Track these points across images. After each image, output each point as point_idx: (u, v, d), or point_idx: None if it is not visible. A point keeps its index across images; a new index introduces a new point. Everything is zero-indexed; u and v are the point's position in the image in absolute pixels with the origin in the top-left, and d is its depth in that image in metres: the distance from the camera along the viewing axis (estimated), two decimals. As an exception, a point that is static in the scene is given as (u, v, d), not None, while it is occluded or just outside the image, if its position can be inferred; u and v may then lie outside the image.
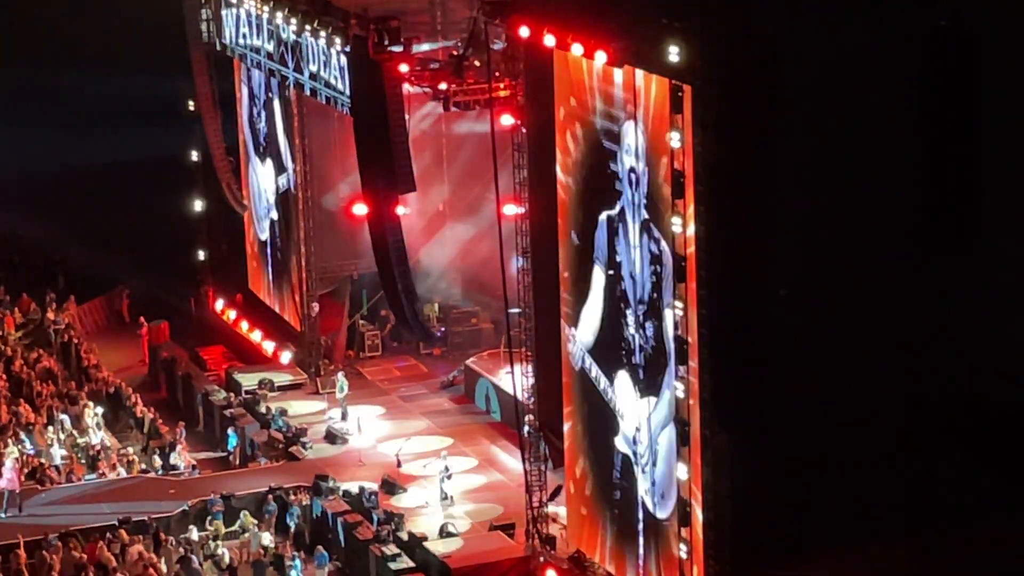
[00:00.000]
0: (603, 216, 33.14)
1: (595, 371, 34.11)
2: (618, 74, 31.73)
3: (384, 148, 39.20)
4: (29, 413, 44.06)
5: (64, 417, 44.04)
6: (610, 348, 33.49)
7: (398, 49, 38.38)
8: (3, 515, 38.81)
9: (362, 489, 39.17)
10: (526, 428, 36.84)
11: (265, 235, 51.53)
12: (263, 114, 50.23)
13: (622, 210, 32.43)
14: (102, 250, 56.91)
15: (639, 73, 31.02)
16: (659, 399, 31.71)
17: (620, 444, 33.37)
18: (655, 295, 31.45)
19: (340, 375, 45.73)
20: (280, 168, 49.36)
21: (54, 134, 65.22)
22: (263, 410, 44.81)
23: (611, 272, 33.12)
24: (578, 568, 35.29)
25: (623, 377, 33.03)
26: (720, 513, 29.97)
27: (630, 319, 32.56)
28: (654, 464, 32.03)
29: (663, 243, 30.81)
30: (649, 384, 32.05)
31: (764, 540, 29.76)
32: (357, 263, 48.50)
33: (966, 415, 29.34)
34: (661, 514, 31.94)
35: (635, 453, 32.82)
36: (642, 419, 32.35)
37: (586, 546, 35.14)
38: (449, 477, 39.52)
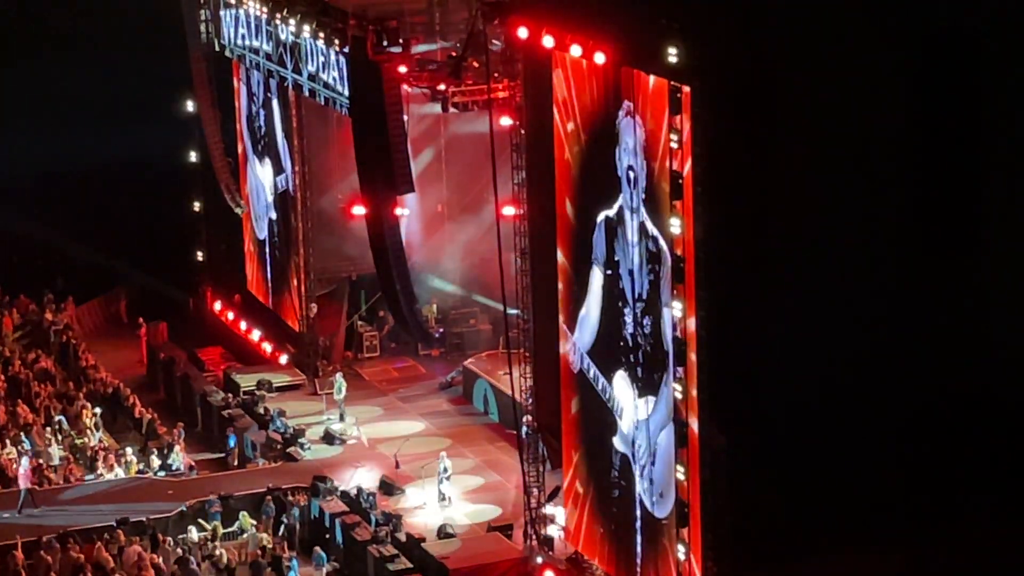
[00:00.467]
0: (601, 216, 33.13)
1: (593, 371, 34.10)
2: (615, 75, 31.70)
3: (383, 149, 39.22)
4: (27, 413, 44.05)
5: (61, 418, 44.04)
6: (608, 348, 33.48)
7: (397, 50, 38.43)
8: (18, 513, 38.90)
9: (360, 490, 39.15)
10: (524, 429, 36.82)
11: (263, 234, 51.51)
12: (262, 113, 50.20)
13: (620, 209, 32.42)
14: (101, 251, 56.88)
15: (636, 74, 30.99)
16: (657, 398, 31.69)
17: (618, 444, 33.36)
18: (653, 293, 31.44)
19: (338, 376, 45.70)
20: (278, 168, 49.33)
21: (52, 134, 65.11)
22: (261, 411, 44.79)
23: (609, 272, 33.12)
24: (576, 569, 35.28)
25: (621, 377, 33.02)
26: (718, 514, 29.95)
27: (628, 318, 32.56)
28: (652, 463, 32.01)
29: (661, 241, 30.81)
30: (647, 383, 32.04)
31: (762, 541, 29.75)
32: (355, 264, 48.45)
33: (966, 415, 29.35)
34: (659, 513, 31.92)
35: (633, 452, 32.80)
36: (640, 418, 32.34)
37: (584, 547, 35.12)
38: (448, 478, 39.50)
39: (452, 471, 39.79)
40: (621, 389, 33.06)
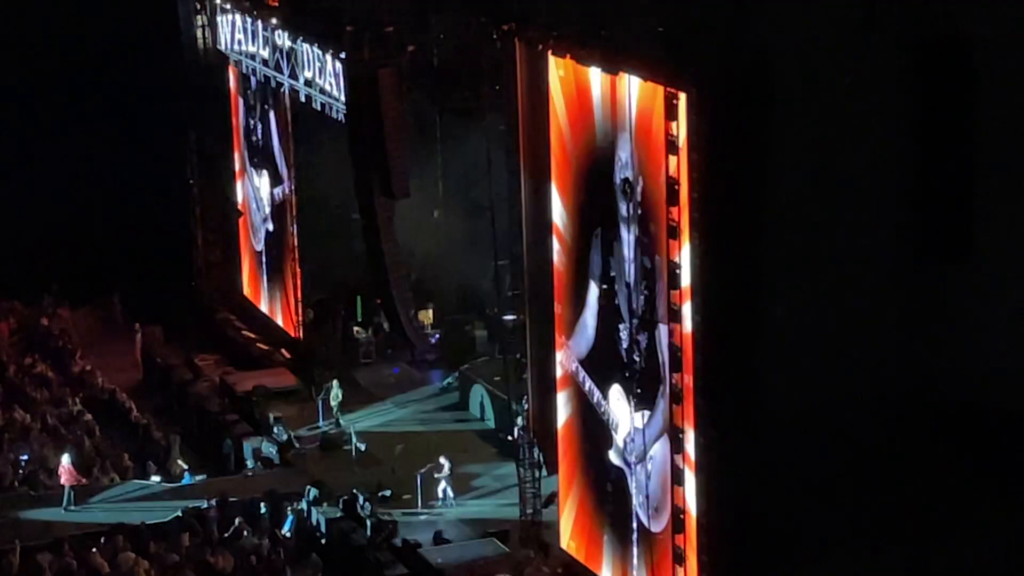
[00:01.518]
0: (597, 231, 33.16)
1: (588, 384, 34.11)
2: (610, 83, 31.68)
3: (379, 154, 39.25)
4: (23, 418, 44.01)
5: (56, 423, 44.01)
6: (604, 362, 33.50)
7: (393, 55, 38.42)
8: (73, 508, 39.32)
9: (356, 496, 39.14)
10: (520, 435, 36.81)
11: (261, 246, 51.41)
12: (259, 126, 50.12)
13: (616, 224, 32.43)
14: (97, 255, 56.83)
15: (631, 82, 30.97)
16: (652, 413, 31.70)
17: (613, 457, 33.37)
18: (648, 309, 31.45)
19: (334, 382, 45.69)
20: (276, 180, 49.27)
21: (50, 139, 65.10)
22: (257, 416, 44.76)
23: (605, 287, 33.13)
24: (571, 575, 35.26)
25: (616, 391, 33.03)
26: (714, 521, 29.94)
27: (623, 333, 32.59)
28: (648, 478, 32.01)
29: (657, 257, 30.80)
30: (643, 398, 32.04)
31: (759, 548, 29.73)
32: (351, 269, 48.43)
33: (961, 421, 29.34)
34: (655, 527, 31.88)
35: (628, 466, 32.81)
36: (635, 433, 32.34)
37: (580, 553, 35.10)
38: (447, 480, 39.60)
39: (451, 476, 39.88)
40: (616, 403, 33.07)
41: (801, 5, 28.42)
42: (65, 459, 40.36)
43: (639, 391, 32.13)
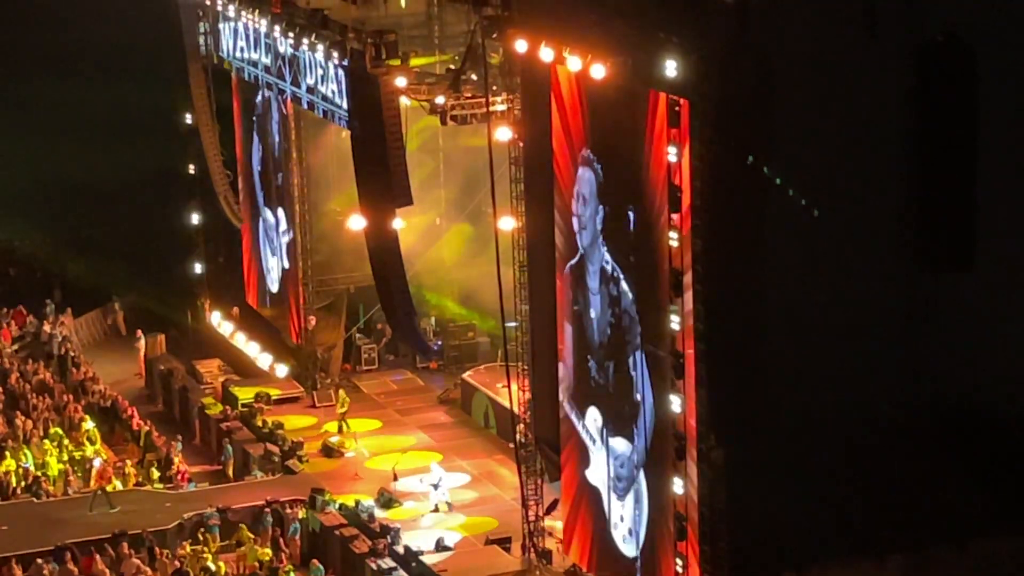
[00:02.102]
0: (567, 266, 33.60)
1: (568, 405, 34.48)
2: (610, 88, 31.71)
3: (381, 161, 39.24)
4: (27, 425, 44.00)
5: (58, 430, 43.99)
6: (580, 388, 33.95)
7: (395, 63, 38.44)
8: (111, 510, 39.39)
9: (358, 503, 39.14)
10: (522, 442, 36.81)
11: (276, 287, 51.00)
12: (279, 166, 49.48)
13: (583, 255, 32.78)
14: (99, 262, 56.89)
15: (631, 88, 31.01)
16: (624, 439, 31.88)
17: (592, 478, 33.55)
18: (615, 338, 31.57)
19: (342, 392, 45.68)
20: (290, 218, 48.85)
21: (52, 146, 65.23)
22: (259, 423, 44.76)
23: (576, 309, 33.36)
24: (573, 582, 35.32)
25: (592, 415, 33.33)
26: (715, 527, 29.92)
27: (592, 363, 32.77)
28: (622, 502, 32.15)
29: (622, 284, 30.94)
30: (615, 425, 32.25)
31: (759, 554, 29.71)
32: (354, 276, 48.43)
33: (961, 428, 29.34)
34: (630, 552, 32.01)
35: (601, 488, 33.10)
36: (610, 457, 32.49)
37: (582, 560, 35.08)
38: (436, 486, 39.57)
39: (449, 484, 39.82)
40: (592, 427, 33.36)
41: (802, 9, 28.42)
42: (97, 462, 40.60)
43: (611, 418, 32.42)
